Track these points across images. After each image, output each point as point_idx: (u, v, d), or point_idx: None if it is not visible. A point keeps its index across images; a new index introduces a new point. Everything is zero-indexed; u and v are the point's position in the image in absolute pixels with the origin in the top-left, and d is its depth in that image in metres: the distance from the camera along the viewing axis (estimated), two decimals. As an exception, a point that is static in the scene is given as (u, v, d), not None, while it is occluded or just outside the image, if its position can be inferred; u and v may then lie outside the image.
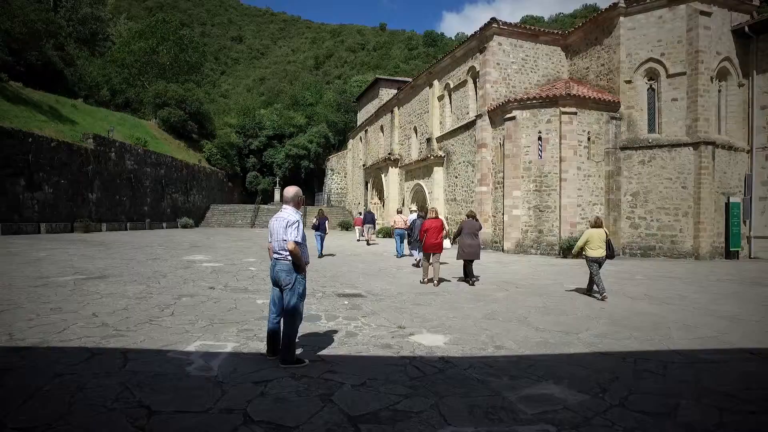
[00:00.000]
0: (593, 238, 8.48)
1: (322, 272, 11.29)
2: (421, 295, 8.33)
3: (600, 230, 8.58)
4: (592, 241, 8.46)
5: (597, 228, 8.62)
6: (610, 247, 8.54)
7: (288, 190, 4.48)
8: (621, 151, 18.47)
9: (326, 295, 8.13)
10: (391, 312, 6.82)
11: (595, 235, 8.49)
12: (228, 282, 9.03)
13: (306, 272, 4.41)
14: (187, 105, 44.35)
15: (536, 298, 8.33)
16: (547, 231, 18.36)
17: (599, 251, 8.42)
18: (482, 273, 11.91)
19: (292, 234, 4.19)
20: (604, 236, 8.49)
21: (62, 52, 41.78)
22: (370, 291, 8.70)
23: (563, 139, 18.05)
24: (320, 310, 6.77)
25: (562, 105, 18.10)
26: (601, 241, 8.42)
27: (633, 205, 18.28)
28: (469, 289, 9.13)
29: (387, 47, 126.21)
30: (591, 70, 20.33)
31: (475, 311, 7.01)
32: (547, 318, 6.62)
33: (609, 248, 8.53)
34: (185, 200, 37.79)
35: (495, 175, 20.33)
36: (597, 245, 8.44)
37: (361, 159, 41.71)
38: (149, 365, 4.09)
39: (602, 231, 8.59)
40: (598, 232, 8.53)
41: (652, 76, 18.12)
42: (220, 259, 13.28)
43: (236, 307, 6.73)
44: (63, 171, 23.54)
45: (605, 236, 8.52)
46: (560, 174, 18.12)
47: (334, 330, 5.63)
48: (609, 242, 8.57)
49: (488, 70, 20.68)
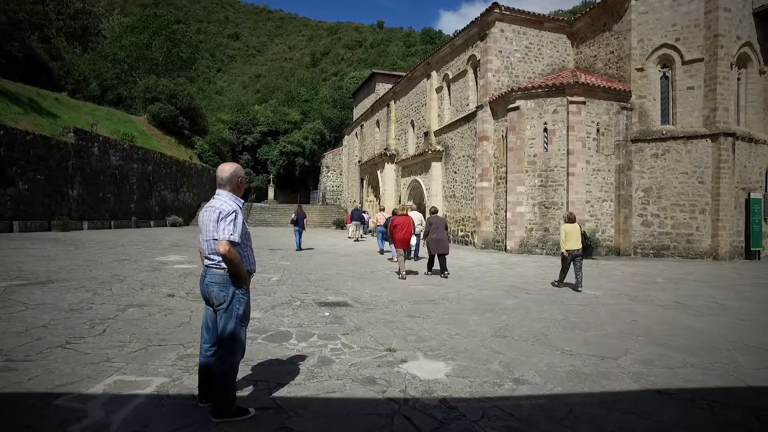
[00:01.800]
0: (571, 232, 9.04)
1: (305, 275, 10.04)
2: (418, 305, 7.08)
3: (575, 225, 9.24)
4: (570, 235, 9.03)
5: (572, 223, 9.23)
6: (586, 239, 9.36)
7: (222, 168, 3.22)
8: (632, 143, 17.25)
9: (305, 304, 6.88)
10: (380, 327, 5.57)
11: (571, 229, 9.08)
12: (193, 288, 7.77)
13: (249, 285, 3.14)
14: (178, 100, 42.97)
15: (552, 307, 7.09)
16: (553, 229, 17.12)
17: (577, 244, 8.98)
18: (486, 275, 10.67)
19: (225, 231, 2.93)
20: (579, 230, 9.16)
21: (48, 45, 40.41)
22: (357, 298, 7.45)
23: (571, 130, 16.82)
24: (293, 326, 5.52)
25: (570, 94, 16.86)
26: (577, 234, 9.04)
27: (645, 201, 17.07)
28: (473, 297, 7.89)
29: (384, 44, 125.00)
30: (599, 59, 19.09)
31: (483, 326, 5.77)
32: (571, 335, 5.38)
33: (586, 240, 9.34)
34: (175, 198, 36.45)
35: (497, 170, 19.09)
36: (574, 239, 9.00)
37: (356, 155, 40.44)
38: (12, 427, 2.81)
39: (577, 225, 9.27)
40: (573, 226, 9.16)
41: (665, 63, 16.89)
42: (197, 261, 12.02)
43: (189, 322, 5.47)
44: (40, 166, 22.22)
45: (580, 229, 9.21)
46: (567, 168, 16.89)
47: (304, 355, 4.37)
48: (584, 234, 9.40)
49: (490, 58, 19.43)
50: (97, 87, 45.38)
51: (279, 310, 6.35)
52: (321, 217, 39.94)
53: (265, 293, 7.59)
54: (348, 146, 44.23)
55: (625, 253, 17.10)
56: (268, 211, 40.97)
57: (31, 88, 28.93)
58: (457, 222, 21.89)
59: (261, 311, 6.21)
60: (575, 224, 9.21)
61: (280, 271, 10.62)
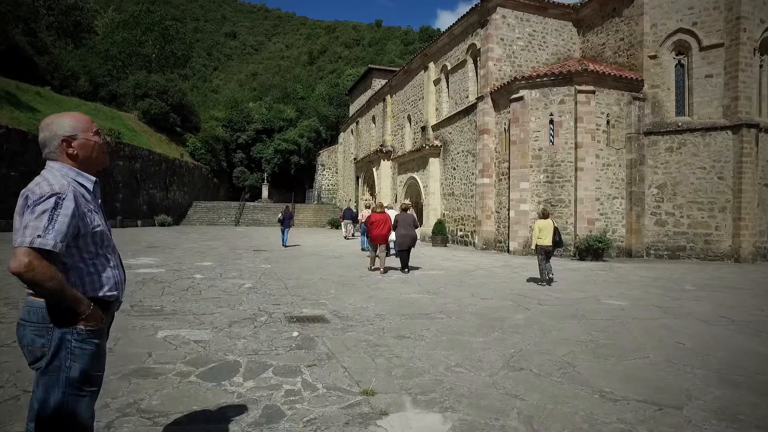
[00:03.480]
0: (543, 228, 9.20)
1: (284, 280, 8.79)
2: (409, 319, 5.84)
3: (548, 221, 9.34)
4: (543, 231, 9.16)
5: (545, 219, 9.38)
6: (557, 235, 9.28)
7: (45, 123, 1.92)
8: (645, 136, 16.04)
9: (272, 319, 5.63)
10: (358, 354, 4.33)
11: (544, 225, 9.23)
12: (143, 299, 6.52)
13: (97, 322, 1.84)
14: (169, 96, 41.66)
15: (572, 323, 5.86)
16: (560, 229, 15.86)
17: (547, 240, 9.11)
18: (490, 281, 9.43)
19: (28, 230, 1.66)
20: (552, 226, 9.26)
21: (34, 39, 39.08)
22: (338, 311, 6.21)
23: (579, 122, 15.59)
24: (246, 353, 4.27)
25: (578, 83, 15.63)
26: (549, 231, 9.17)
27: (659, 198, 15.85)
28: (477, 309, 6.65)
29: (382, 43, 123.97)
30: (608, 46, 17.87)
31: (491, 351, 4.53)
32: (607, 366, 4.15)
33: (558, 236, 9.27)
34: (164, 196, 35.16)
35: (499, 166, 17.85)
36: (546, 235, 9.14)
37: (352, 153, 39.19)
38: None
39: (550, 221, 9.36)
40: (546, 222, 9.28)
41: (681, 50, 15.68)
42: (168, 263, 10.77)
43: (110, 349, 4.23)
44: (14, 162, 20.95)
45: (553, 226, 9.28)
46: (576, 163, 15.66)
47: (244, 405, 3.13)
48: (556, 230, 9.33)
49: (491, 46, 18.19)
50: (86, 83, 43.92)
51: (237, 328, 5.10)
52: (316, 216, 38.67)
53: (228, 305, 6.34)
54: (343, 143, 42.98)
55: (637, 255, 15.88)
56: (262, 210, 39.67)
57: (9, 81, 27.61)
58: (456, 221, 20.65)
59: (213, 331, 4.96)
60: (548, 220, 9.39)
61: (257, 275, 9.38)
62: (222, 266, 10.68)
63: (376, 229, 10.53)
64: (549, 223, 9.28)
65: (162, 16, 55.18)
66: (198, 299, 6.66)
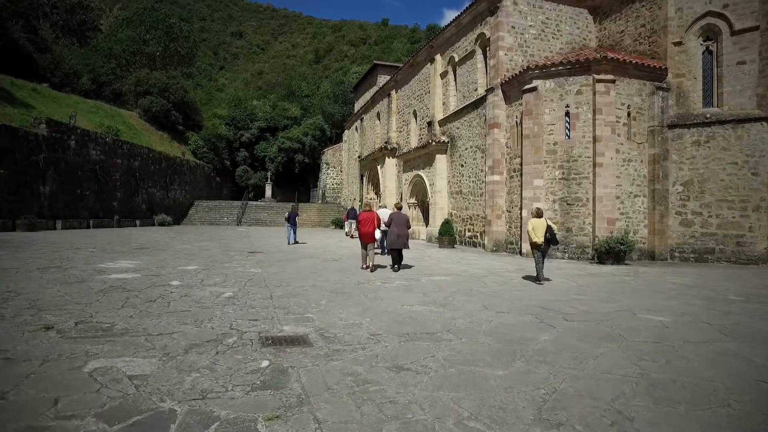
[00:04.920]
0: (537, 227, 9.35)
1: (271, 288, 7.76)
2: (410, 341, 4.78)
3: (542, 219, 9.52)
4: (537, 230, 9.32)
5: (539, 218, 9.57)
6: (551, 232, 9.32)
7: None
8: (669, 129, 14.84)
9: (242, 341, 4.59)
10: (341, 397, 3.28)
11: (537, 224, 9.40)
12: (95, 314, 5.51)
13: None
14: (171, 93, 40.86)
15: (611, 346, 4.76)
16: (577, 229, 14.75)
17: (540, 238, 9.25)
18: (504, 289, 8.33)
19: None
20: (545, 224, 9.37)
21: (34, 36, 38.45)
22: (325, 329, 5.16)
23: (598, 114, 14.43)
24: (191, 396, 3.23)
25: (597, 72, 14.47)
26: (542, 229, 9.31)
27: (684, 196, 14.65)
28: (491, 327, 5.57)
29: (389, 41, 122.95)
30: (627, 34, 16.67)
31: (516, 393, 3.46)
32: (676, 419, 3.06)
33: (550, 233, 9.30)
34: (164, 196, 34.34)
35: (510, 162, 16.71)
36: (539, 233, 9.28)
37: (356, 151, 38.15)
38: None
39: (543, 220, 9.50)
40: (540, 221, 9.46)
41: (710, 35, 14.46)
42: (149, 267, 9.79)
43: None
44: (3, 159, 20.11)
45: (546, 224, 9.38)
46: (594, 158, 14.50)
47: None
48: (550, 228, 9.39)
49: (501, 34, 17.05)
50: (88, 81, 43.25)
51: (193, 355, 4.08)
52: (319, 216, 37.67)
53: (195, 321, 5.32)
54: (348, 141, 41.96)
55: (660, 257, 14.69)
56: (265, 209, 38.75)
57: (4, 77, 26.90)
58: (464, 221, 19.53)
59: (161, 360, 3.93)
60: (542, 219, 9.56)
61: (242, 282, 8.36)
62: (207, 271, 9.68)
63: (363, 227, 10.79)
64: (542, 221, 9.45)
65: (166, 14, 54.57)
66: (162, 313, 5.65)
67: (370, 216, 11.00)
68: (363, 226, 10.80)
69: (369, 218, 10.91)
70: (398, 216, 11.00)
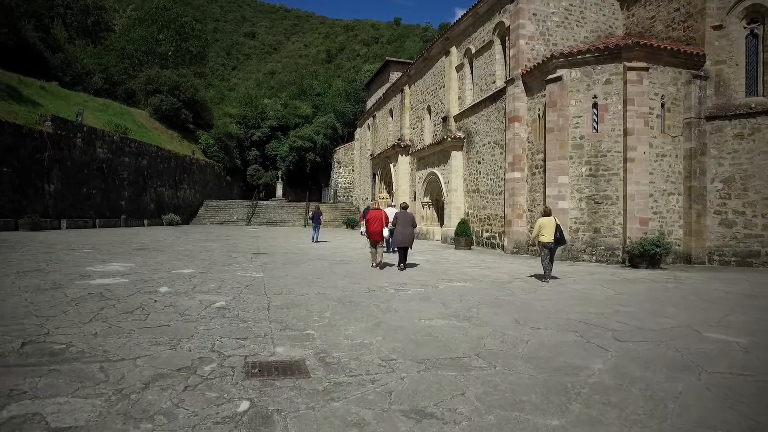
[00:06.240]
0: (546, 226, 9.25)
1: (271, 295, 6.85)
2: (431, 371, 3.82)
3: (551, 218, 9.42)
4: (545, 228, 9.22)
5: (547, 217, 9.47)
6: (560, 232, 9.23)
7: None
8: (707, 121, 13.64)
9: (222, 369, 3.68)
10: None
11: (546, 223, 9.28)
12: (53, 330, 4.64)
13: None
14: (181, 92, 40.40)
15: (690, 380, 3.74)
16: (605, 230, 13.62)
17: (549, 237, 9.15)
18: (535, 299, 7.31)
19: None
20: (554, 224, 9.28)
21: (45, 35, 38.28)
22: (327, 352, 4.23)
23: (629, 104, 13.28)
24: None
25: (628, 59, 13.33)
26: (552, 228, 9.20)
27: (725, 195, 13.43)
28: (530, 350, 4.58)
29: (401, 40, 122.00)
30: (658, 20, 15.48)
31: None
32: None
33: (559, 233, 9.21)
34: (173, 195, 33.81)
35: (532, 157, 15.63)
36: (548, 232, 9.18)
37: (368, 149, 37.24)
38: None
39: (552, 219, 9.41)
40: (549, 220, 9.35)
41: (754, 17, 13.23)
42: (141, 271, 8.98)
43: None
44: (7, 157, 19.61)
45: (555, 223, 9.29)
46: (625, 153, 13.36)
47: None
48: (558, 227, 9.30)
49: (522, 22, 15.98)
50: (100, 80, 42.99)
51: (154, 393, 3.16)
52: (331, 215, 36.83)
53: (171, 340, 4.42)
54: (360, 139, 41.06)
55: (697, 261, 13.50)
56: (275, 209, 38.06)
57: (12, 75, 26.53)
58: (481, 221, 18.47)
59: (111, 399, 3.03)
60: (551, 218, 9.49)
61: (239, 288, 7.47)
62: (203, 275, 8.82)
63: (371, 226, 10.93)
64: (551, 220, 9.39)
65: (178, 14, 54.34)
66: (135, 329, 4.77)
67: (378, 215, 11.13)
68: (372, 225, 10.94)
69: (378, 217, 11.05)
70: (403, 215, 11.05)
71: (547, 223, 9.30)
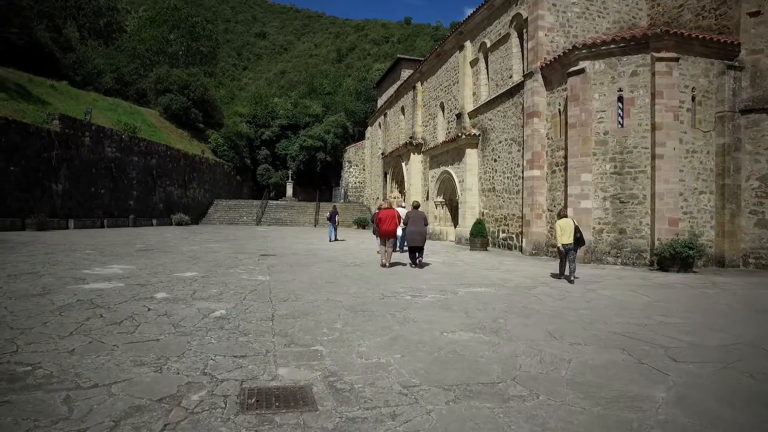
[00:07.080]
0: (564, 228, 9.31)
1: (277, 303, 6.26)
2: (463, 400, 3.18)
3: (568, 220, 9.52)
4: (564, 230, 9.26)
5: (564, 218, 9.59)
6: (579, 233, 9.29)
7: None
8: (742, 115, 12.80)
9: (211, 399, 3.08)
10: None
11: (564, 225, 9.35)
12: (23, 346, 4.09)
13: None
14: (191, 91, 40.18)
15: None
16: (632, 231, 12.84)
17: (570, 238, 9.17)
18: (565, 307, 6.61)
19: None
20: (572, 225, 9.35)
21: (57, 35, 38.28)
22: (337, 376, 3.61)
23: (657, 98, 12.49)
24: None
25: (656, 49, 12.53)
26: (570, 229, 9.25)
27: (761, 193, 12.58)
28: (574, 372, 3.91)
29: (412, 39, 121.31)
30: (686, 8, 14.64)
31: None
32: None
33: (578, 233, 9.27)
34: (183, 194, 33.52)
35: (552, 155, 14.88)
36: (568, 233, 9.22)
37: (379, 148, 36.63)
38: None
39: (570, 220, 9.49)
40: (567, 221, 9.44)
41: (794, 2, 12.37)
42: (140, 274, 8.45)
43: None
44: (14, 156, 19.34)
45: (573, 224, 9.36)
46: (653, 149, 12.57)
47: None
48: (577, 228, 9.39)
49: (541, 13, 15.24)
50: (112, 80, 42.94)
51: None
52: (342, 215, 35.93)
53: (158, 359, 3.84)
54: (371, 138, 40.46)
55: (731, 264, 12.66)
56: (285, 209, 37.60)
57: (22, 74, 26.39)
58: (497, 221, 17.74)
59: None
60: (568, 219, 9.58)
61: (243, 294, 6.89)
62: (205, 279, 8.27)
63: (384, 225, 10.85)
64: (569, 222, 9.43)
65: (189, 13, 54.32)
66: (120, 344, 4.19)
67: (391, 213, 11.08)
68: (385, 224, 10.85)
69: (390, 215, 10.98)
70: (415, 214, 11.12)
71: (565, 225, 9.34)
